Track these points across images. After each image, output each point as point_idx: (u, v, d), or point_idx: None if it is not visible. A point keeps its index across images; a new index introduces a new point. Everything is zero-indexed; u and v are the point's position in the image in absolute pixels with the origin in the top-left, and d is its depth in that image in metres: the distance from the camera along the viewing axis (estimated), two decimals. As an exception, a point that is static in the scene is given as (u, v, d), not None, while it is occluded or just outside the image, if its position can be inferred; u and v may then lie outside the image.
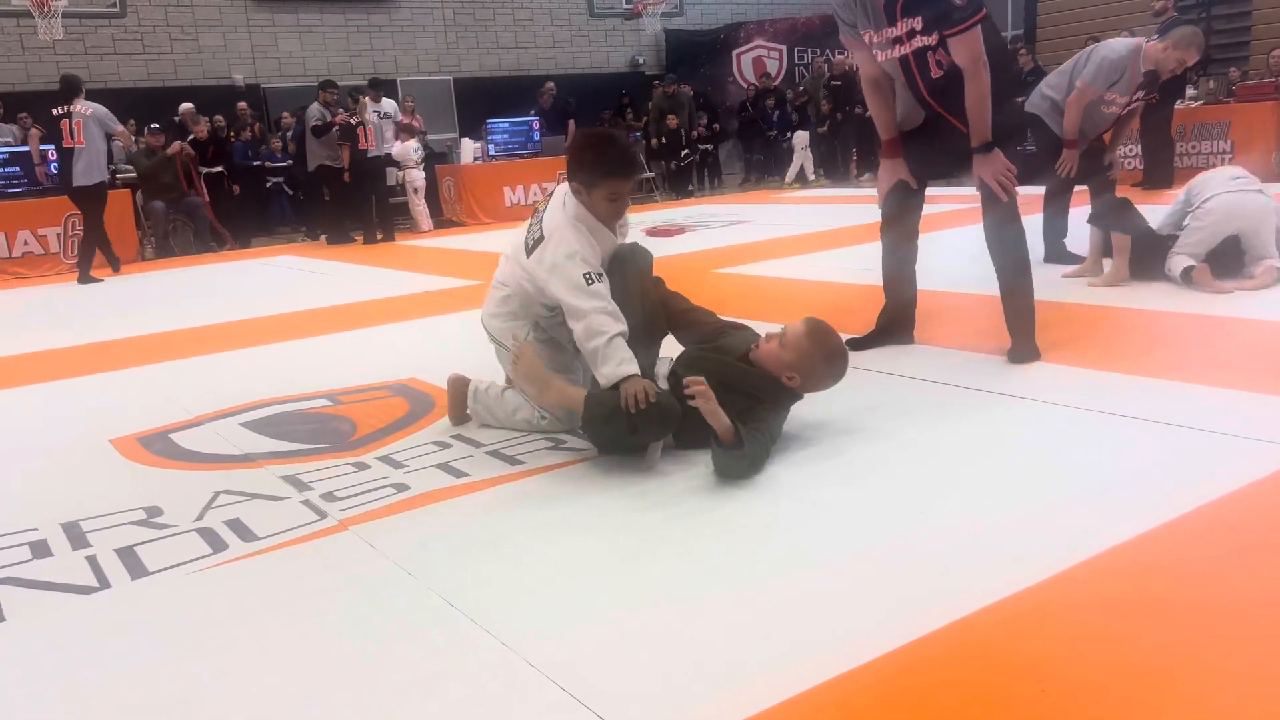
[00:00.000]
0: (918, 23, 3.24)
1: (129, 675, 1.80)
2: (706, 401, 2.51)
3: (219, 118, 11.99)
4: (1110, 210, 4.89)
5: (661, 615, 1.86)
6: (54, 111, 8.25)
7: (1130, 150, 9.80)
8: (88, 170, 8.29)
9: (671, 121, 14.14)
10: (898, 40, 3.34)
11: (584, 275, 2.71)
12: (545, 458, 2.83)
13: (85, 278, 8.38)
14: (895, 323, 3.85)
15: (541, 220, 2.88)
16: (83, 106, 8.23)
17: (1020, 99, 5.35)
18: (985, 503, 2.28)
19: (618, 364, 2.63)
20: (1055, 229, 5.48)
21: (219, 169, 11.24)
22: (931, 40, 3.24)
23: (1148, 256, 4.70)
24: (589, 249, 2.78)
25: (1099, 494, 2.28)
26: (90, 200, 8.42)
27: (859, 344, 3.81)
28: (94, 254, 8.50)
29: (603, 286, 2.73)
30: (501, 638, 1.81)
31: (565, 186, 2.92)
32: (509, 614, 1.91)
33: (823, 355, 2.72)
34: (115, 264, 8.84)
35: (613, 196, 2.82)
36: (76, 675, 1.81)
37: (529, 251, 2.87)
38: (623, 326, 2.69)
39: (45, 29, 10.71)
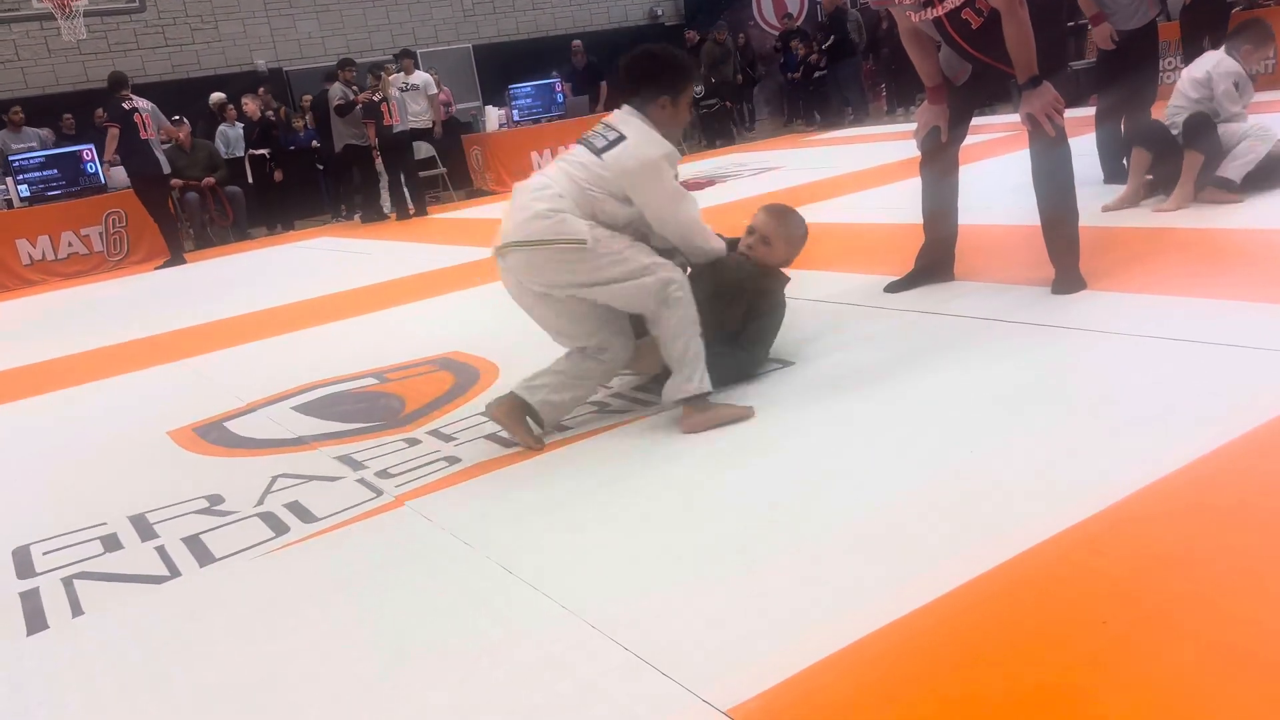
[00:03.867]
0: None
1: (208, 659, 1.86)
2: None
3: (263, 90, 12.02)
4: (1144, 134, 4.75)
5: (720, 569, 1.88)
6: (124, 105, 8.65)
7: (1169, 64, 9.49)
8: (163, 160, 9.03)
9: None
10: (928, 3, 3.28)
11: (675, 178, 2.72)
12: (592, 422, 2.85)
13: (180, 258, 9.13)
14: (935, 261, 3.79)
15: (610, 128, 2.73)
16: (141, 101, 8.79)
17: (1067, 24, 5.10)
18: (1039, 434, 2.26)
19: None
20: (1111, 149, 5.31)
21: (263, 152, 11.25)
22: None
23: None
24: (675, 155, 2.73)
25: (1155, 419, 2.24)
26: (167, 189, 9.29)
27: (898, 286, 3.77)
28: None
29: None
30: (562, 601, 1.84)
31: (624, 112, 2.76)
32: (568, 577, 1.94)
33: (777, 222, 3.00)
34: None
35: (691, 100, 2.86)
36: (159, 662, 1.88)
37: (602, 151, 2.68)
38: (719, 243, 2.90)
39: (68, 30, 10.79)
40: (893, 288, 3.78)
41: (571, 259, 2.60)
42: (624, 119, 2.74)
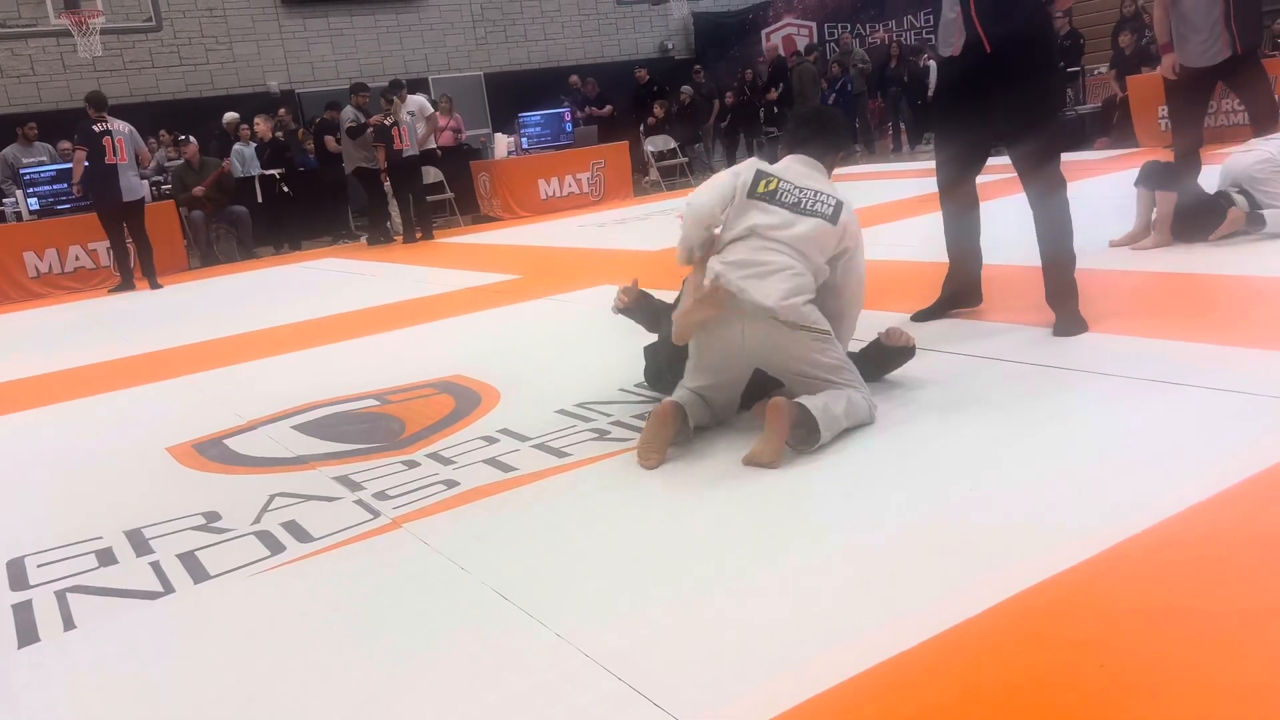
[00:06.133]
0: None
1: (199, 676, 1.84)
2: None
3: (283, 111, 12.13)
4: (1159, 172, 4.75)
5: (714, 601, 1.87)
6: (95, 129, 8.36)
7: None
8: (134, 186, 8.61)
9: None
10: None
11: None
12: (592, 449, 2.85)
13: (156, 283, 8.81)
14: (961, 289, 3.82)
15: (821, 193, 2.80)
16: (118, 124, 8.51)
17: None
18: (1038, 476, 2.26)
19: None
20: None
21: (274, 172, 11.27)
22: None
23: (1198, 218, 4.57)
24: None
25: (1153, 463, 2.24)
26: (140, 215, 8.78)
27: (926, 315, 3.78)
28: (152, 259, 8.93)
29: None
30: (556, 629, 1.83)
31: (799, 160, 2.90)
32: (562, 605, 1.93)
33: None
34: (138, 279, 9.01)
35: None
36: (150, 678, 1.86)
37: (834, 218, 2.76)
38: None
39: (85, 47, 10.91)
40: (920, 317, 3.79)
41: (814, 344, 2.69)
42: (819, 177, 2.87)
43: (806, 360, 2.70)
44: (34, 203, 9.55)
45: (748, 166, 2.88)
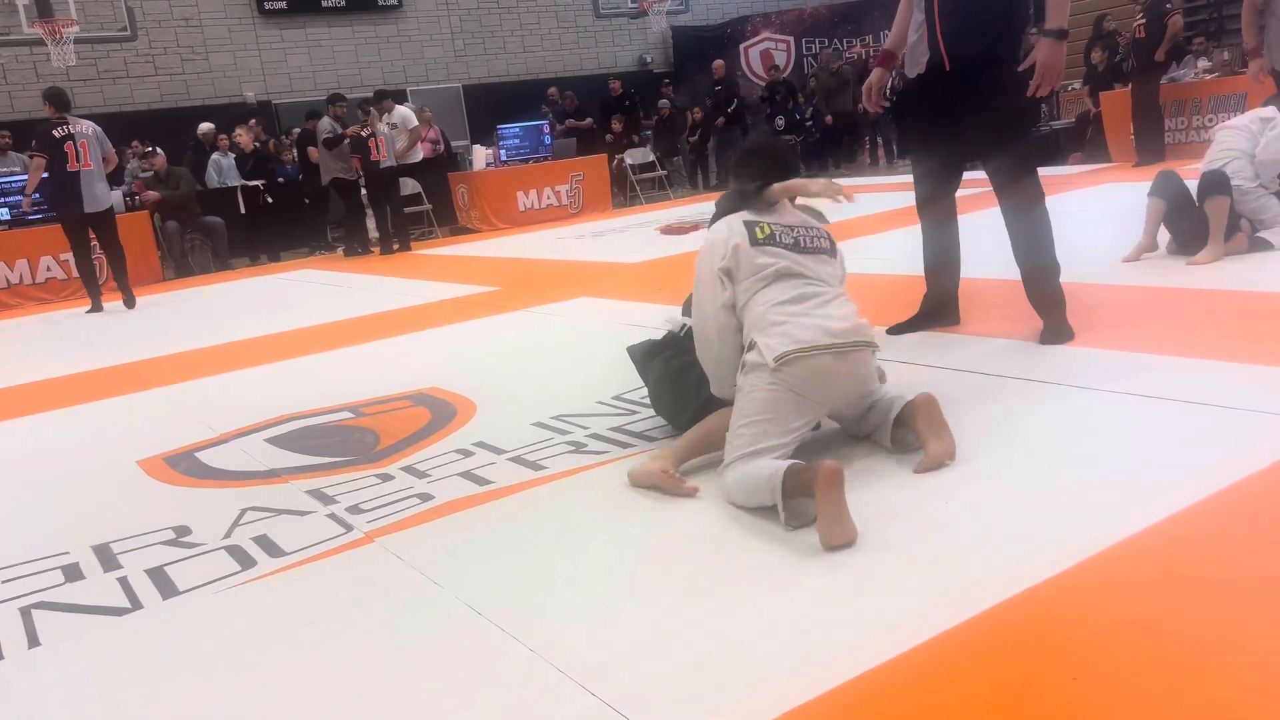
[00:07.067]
0: None
1: (168, 694, 1.81)
2: None
3: (254, 122, 12.05)
4: (1211, 181, 4.60)
5: (691, 615, 1.86)
6: (55, 133, 7.57)
7: (1210, 120, 9.22)
8: (99, 195, 7.84)
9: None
10: None
11: None
12: (568, 461, 2.83)
13: (130, 299, 8.13)
14: (939, 306, 3.83)
15: (810, 221, 2.71)
16: (82, 126, 7.75)
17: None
18: (1013, 489, 2.26)
19: None
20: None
21: (256, 183, 11.18)
22: None
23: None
24: None
25: (1128, 476, 2.25)
26: (109, 226, 8.12)
27: (902, 328, 3.79)
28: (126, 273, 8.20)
29: None
30: (530, 644, 1.81)
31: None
32: (537, 620, 1.91)
33: None
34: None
35: None
36: (116, 696, 1.83)
37: (831, 250, 2.65)
38: None
39: (58, 56, 10.84)
40: (895, 330, 3.80)
41: (874, 359, 2.58)
42: (795, 211, 2.73)
43: (873, 378, 2.58)
44: (4, 213, 9.44)
45: (728, 224, 2.62)
